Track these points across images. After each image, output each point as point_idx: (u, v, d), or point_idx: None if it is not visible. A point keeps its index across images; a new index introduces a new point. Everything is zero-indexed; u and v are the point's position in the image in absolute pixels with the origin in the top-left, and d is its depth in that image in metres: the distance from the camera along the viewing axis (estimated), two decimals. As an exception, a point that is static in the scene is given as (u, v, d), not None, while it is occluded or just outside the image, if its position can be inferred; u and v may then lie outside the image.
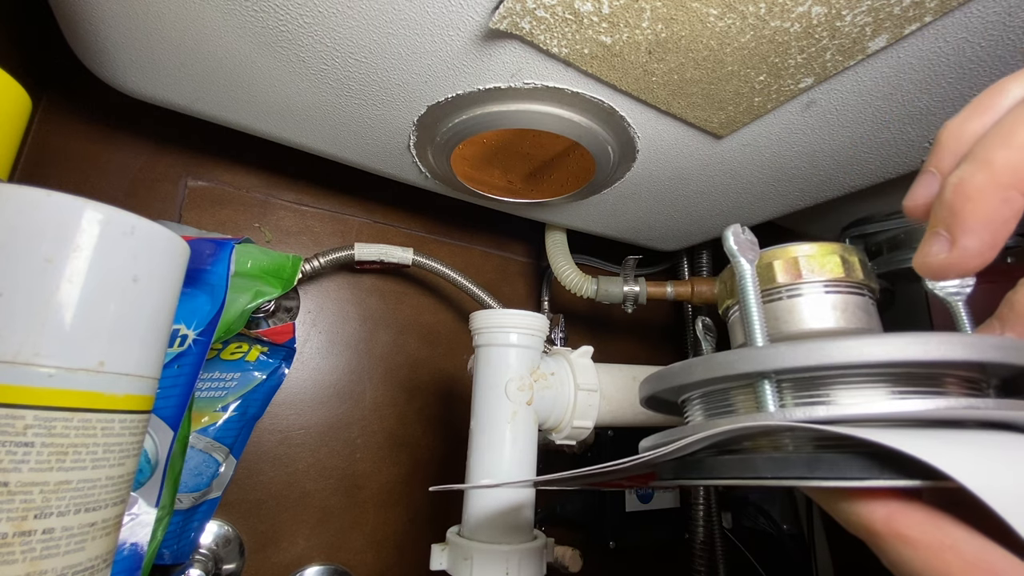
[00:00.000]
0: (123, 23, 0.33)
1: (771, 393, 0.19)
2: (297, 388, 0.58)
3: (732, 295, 0.27)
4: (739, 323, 0.26)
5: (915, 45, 0.32)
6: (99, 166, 0.52)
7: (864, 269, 0.24)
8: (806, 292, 0.24)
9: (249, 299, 0.43)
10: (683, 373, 0.21)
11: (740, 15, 0.29)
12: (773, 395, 0.19)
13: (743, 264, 0.21)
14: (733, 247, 0.21)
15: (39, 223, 0.21)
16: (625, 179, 0.49)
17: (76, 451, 0.22)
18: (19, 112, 0.29)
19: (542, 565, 0.38)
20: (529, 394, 0.40)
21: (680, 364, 0.22)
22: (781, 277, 0.24)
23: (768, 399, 0.19)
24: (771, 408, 0.19)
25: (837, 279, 0.24)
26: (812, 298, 0.24)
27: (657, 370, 0.24)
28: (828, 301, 0.24)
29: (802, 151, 0.44)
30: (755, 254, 0.21)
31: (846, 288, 0.24)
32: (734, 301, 0.27)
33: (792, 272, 0.24)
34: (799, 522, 0.74)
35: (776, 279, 0.24)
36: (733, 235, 0.22)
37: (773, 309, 0.25)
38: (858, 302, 0.24)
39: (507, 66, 0.35)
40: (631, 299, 0.65)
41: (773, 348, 0.18)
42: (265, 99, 0.40)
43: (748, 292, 0.21)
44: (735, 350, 0.20)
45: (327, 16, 0.32)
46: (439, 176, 0.50)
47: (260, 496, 0.54)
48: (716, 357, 0.20)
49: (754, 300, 0.21)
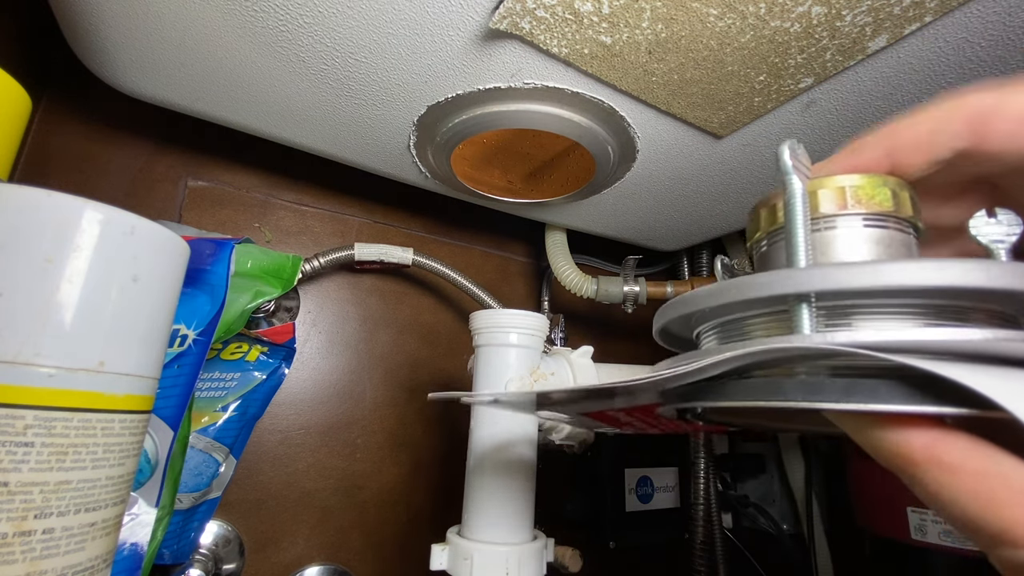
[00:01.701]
0: (123, 23, 0.33)
1: (809, 318, 0.17)
2: (297, 388, 0.58)
3: (769, 224, 0.24)
4: (772, 253, 0.24)
5: (915, 45, 0.32)
6: (99, 166, 0.52)
7: (914, 206, 0.22)
8: (849, 224, 0.22)
9: (249, 299, 0.43)
10: (711, 297, 0.19)
11: (740, 15, 0.29)
12: (811, 320, 0.17)
13: (794, 183, 0.19)
14: (788, 162, 0.19)
15: (39, 223, 0.21)
16: (625, 179, 0.49)
17: (76, 451, 0.22)
18: (19, 112, 0.29)
19: (542, 565, 0.38)
20: (529, 394, 0.40)
21: (705, 288, 0.20)
22: (826, 207, 0.22)
23: (805, 323, 0.17)
24: (808, 332, 0.17)
25: (884, 212, 0.21)
26: (854, 231, 0.22)
27: (674, 299, 0.22)
28: (871, 235, 0.21)
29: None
30: (807, 178, 0.20)
31: (894, 223, 0.21)
32: (766, 232, 0.24)
33: (838, 202, 0.22)
34: (799, 522, 0.74)
35: (820, 208, 0.22)
36: (790, 149, 0.20)
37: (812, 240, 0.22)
38: (903, 239, 0.22)
39: (507, 66, 0.35)
40: (631, 299, 0.65)
41: (819, 269, 0.17)
42: (265, 99, 0.40)
43: (797, 214, 0.19)
44: (772, 272, 0.18)
45: (327, 16, 0.32)
46: (439, 176, 0.50)
47: (260, 496, 0.54)
48: (754, 278, 0.18)
49: (802, 222, 0.19)
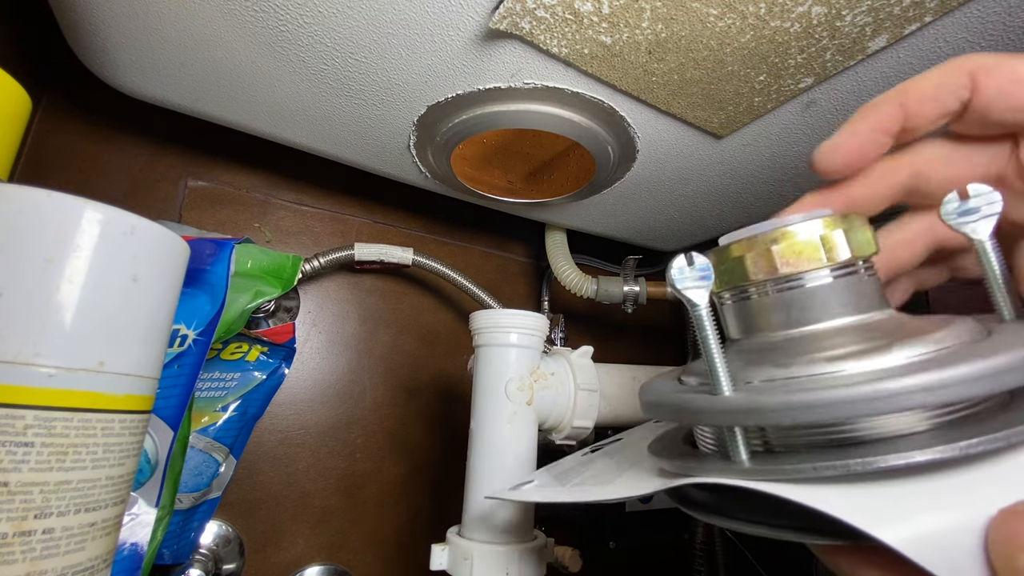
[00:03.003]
0: (123, 23, 0.33)
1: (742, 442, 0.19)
2: (297, 388, 0.58)
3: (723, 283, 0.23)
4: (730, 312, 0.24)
5: (915, 45, 0.32)
6: (99, 166, 0.52)
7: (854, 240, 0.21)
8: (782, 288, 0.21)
9: (249, 299, 0.43)
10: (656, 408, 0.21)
11: (740, 15, 0.29)
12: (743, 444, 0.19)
13: (694, 306, 0.19)
14: (677, 286, 0.19)
15: (39, 223, 0.21)
16: (625, 179, 0.49)
17: (76, 451, 0.22)
18: (19, 112, 0.29)
19: (542, 565, 0.38)
20: (529, 394, 0.40)
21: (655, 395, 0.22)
22: (754, 274, 0.21)
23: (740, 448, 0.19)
24: (742, 455, 0.18)
25: (814, 268, 0.20)
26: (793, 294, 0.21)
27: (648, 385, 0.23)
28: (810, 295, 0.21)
29: (802, 151, 0.44)
30: (708, 286, 0.19)
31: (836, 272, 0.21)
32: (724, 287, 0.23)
33: (766, 267, 0.21)
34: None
35: (749, 276, 0.21)
36: (677, 271, 0.19)
37: (746, 308, 0.22)
38: (848, 284, 0.20)
39: (507, 66, 0.35)
40: (631, 299, 0.65)
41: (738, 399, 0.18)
42: (265, 99, 0.40)
43: (708, 340, 0.19)
44: (702, 398, 0.19)
45: (327, 16, 0.32)
46: (439, 176, 0.50)
47: (260, 496, 0.54)
48: (690, 401, 0.19)
49: (715, 348, 0.19)
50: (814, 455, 0.17)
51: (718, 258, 0.23)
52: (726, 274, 0.22)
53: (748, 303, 0.22)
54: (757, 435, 0.20)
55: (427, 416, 0.64)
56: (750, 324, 0.22)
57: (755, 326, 0.22)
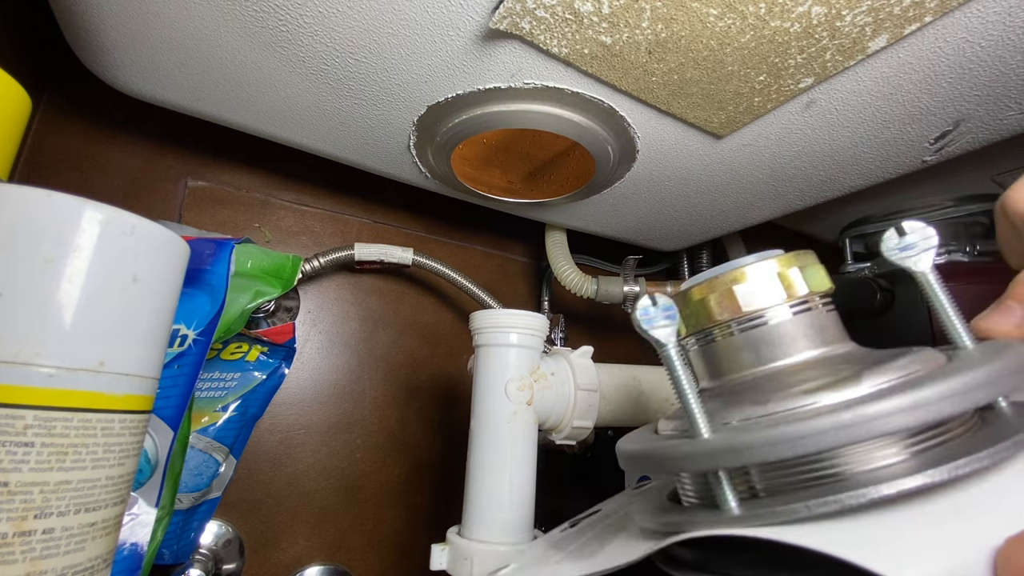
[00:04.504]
0: (123, 23, 0.33)
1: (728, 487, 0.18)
2: (297, 388, 0.58)
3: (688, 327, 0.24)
4: (697, 358, 0.24)
5: (915, 45, 0.32)
6: (99, 166, 0.52)
7: (810, 277, 0.22)
8: (745, 328, 0.22)
9: (249, 299, 0.43)
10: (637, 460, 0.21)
11: (740, 15, 0.29)
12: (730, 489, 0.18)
13: (662, 345, 0.19)
14: (643, 326, 0.19)
15: (39, 223, 0.21)
16: (625, 179, 0.49)
17: (76, 451, 0.22)
18: (19, 112, 0.29)
19: (542, 565, 0.38)
20: (529, 394, 0.40)
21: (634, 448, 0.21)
22: (719, 314, 0.22)
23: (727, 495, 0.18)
24: (731, 504, 0.18)
25: (775, 305, 0.21)
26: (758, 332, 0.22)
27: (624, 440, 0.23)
28: (775, 331, 0.21)
29: (802, 151, 0.44)
30: (673, 325, 0.19)
31: (795, 308, 0.22)
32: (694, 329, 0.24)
33: (730, 307, 0.22)
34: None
35: (714, 317, 0.22)
36: (642, 311, 0.19)
37: (713, 352, 0.23)
38: (809, 319, 0.21)
39: (507, 66, 0.35)
40: (631, 299, 0.65)
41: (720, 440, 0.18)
42: (265, 99, 0.40)
43: (680, 380, 0.19)
44: (683, 443, 0.19)
45: (327, 16, 0.32)
46: (439, 176, 0.50)
47: (260, 496, 0.54)
48: (671, 448, 0.19)
49: (688, 389, 0.19)
50: (802, 494, 0.17)
51: (680, 303, 0.23)
52: (691, 318, 0.23)
53: (714, 346, 0.23)
54: (741, 480, 0.19)
55: (427, 416, 0.64)
56: (718, 367, 0.23)
57: (724, 369, 0.23)
